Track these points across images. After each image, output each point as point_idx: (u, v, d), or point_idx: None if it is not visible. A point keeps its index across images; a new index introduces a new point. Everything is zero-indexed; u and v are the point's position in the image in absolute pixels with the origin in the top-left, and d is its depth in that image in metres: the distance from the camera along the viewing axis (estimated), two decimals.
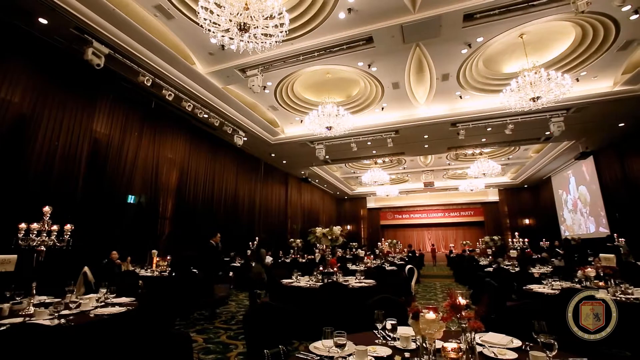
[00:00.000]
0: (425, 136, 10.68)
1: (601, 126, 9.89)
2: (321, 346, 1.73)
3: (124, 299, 3.39)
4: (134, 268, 6.30)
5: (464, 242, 17.46)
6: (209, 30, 3.96)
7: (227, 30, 4.00)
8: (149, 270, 6.42)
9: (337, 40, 6.29)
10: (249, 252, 10.38)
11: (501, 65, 7.64)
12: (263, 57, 6.73)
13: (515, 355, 1.68)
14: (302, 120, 8.96)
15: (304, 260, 10.95)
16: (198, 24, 4.32)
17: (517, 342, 1.85)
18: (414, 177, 18.58)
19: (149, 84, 6.49)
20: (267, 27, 4.05)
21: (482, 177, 13.78)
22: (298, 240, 12.52)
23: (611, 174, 11.90)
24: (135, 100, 7.61)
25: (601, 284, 3.76)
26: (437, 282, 10.41)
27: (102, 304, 3.16)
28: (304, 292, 4.48)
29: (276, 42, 4.31)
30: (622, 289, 3.49)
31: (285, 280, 4.95)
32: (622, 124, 9.78)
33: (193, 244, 8.72)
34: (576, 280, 4.20)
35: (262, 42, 4.29)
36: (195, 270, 6.36)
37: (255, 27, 4.00)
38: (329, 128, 7.55)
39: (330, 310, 3.98)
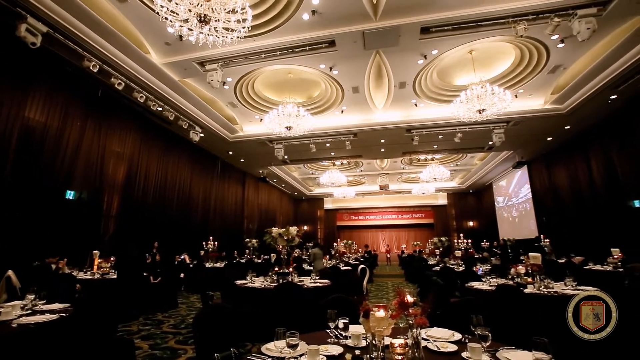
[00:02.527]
0: (382, 140, 11.08)
1: (534, 139, 11.03)
2: (273, 347, 1.73)
3: (56, 306, 3.08)
4: (71, 271, 5.75)
5: (415, 243, 18.39)
6: (166, 18, 3.75)
7: (186, 21, 3.82)
8: (88, 272, 5.91)
9: (300, 41, 6.31)
10: (201, 252, 9.99)
11: (453, 77, 8.18)
12: (223, 52, 6.53)
13: (455, 347, 1.81)
14: (261, 119, 8.83)
15: (259, 261, 10.80)
16: (154, 10, 4.08)
17: (458, 336, 1.99)
18: (370, 180, 19.17)
19: (95, 70, 5.97)
20: (228, 21, 3.94)
21: (433, 181, 14.61)
22: (254, 241, 12.31)
23: (541, 182, 13.31)
24: (79, 88, 6.96)
25: (529, 279, 4.18)
26: (390, 282, 10.84)
27: (29, 311, 2.83)
28: (258, 293, 4.42)
29: (238, 37, 4.21)
30: (545, 283, 3.93)
31: (239, 281, 4.85)
32: (550, 138, 11.00)
33: (142, 244, 8.20)
34: (510, 277, 4.62)
35: (222, 37, 4.16)
36: (150, 277, 5.99)
37: (216, 20, 3.87)
38: (289, 128, 7.53)
39: (285, 310, 3.97)
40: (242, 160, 13.41)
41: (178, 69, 7.18)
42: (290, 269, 4.94)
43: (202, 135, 9.65)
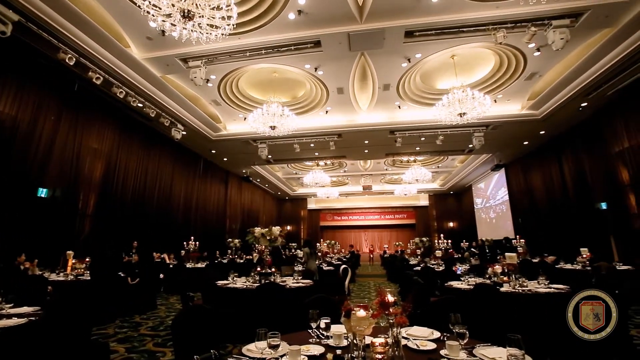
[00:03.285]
0: (366, 141, 11.19)
1: (511, 143, 11.43)
2: (254, 348, 1.71)
3: (25, 309, 2.94)
4: (42, 272, 5.51)
5: (397, 243, 18.64)
6: (148, 12, 3.65)
7: (169, 16, 3.73)
8: (62, 274, 5.67)
9: (286, 40, 6.29)
10: (182, 252, 9.78)
11: (435, 81, 8.36)
12: (207, 49, 6.43)
13: (434, 345, 1.85)
14: (245, 118, 8.75)
15: (241, 261, 10.67)
16: (135, 3, 3.97)
17: (437, 334, 2.04)
18: (354, 181, 19.32)
19: (71, 63, 5.74)
20: (213, 17, 3.88)
21: (415, 182, 14.89)
22: (236, 241, 12.16)
23: (517, 184, 13.79)
24: (54, 81, 6.68)
25: (505, 278, 4.33)
26: (372, 281, 10.95)
27: None
28: (240, 294, 4.37)
29: (222, 34, 4.15)
30: (520, 282, 4.07)
31: (220, 282, 4.78)
32: (526, 142, 11.43)
33: (121, 244, 7.97)
34: (487, 276, 4.76)
35: (207, 33, 4.09)
36: (121, 273, 5.80)
37: (200, 16, 3.80)
38: (273, 127, 7.50)
39: (267, 311, 3.94)
40: (225, 159, 13.23)
41: (160, 64, 7.01)
42: (273, 269, 4.91)
43: (184, 133, 9.46)
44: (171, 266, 8.61)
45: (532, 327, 3.22)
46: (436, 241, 14.20)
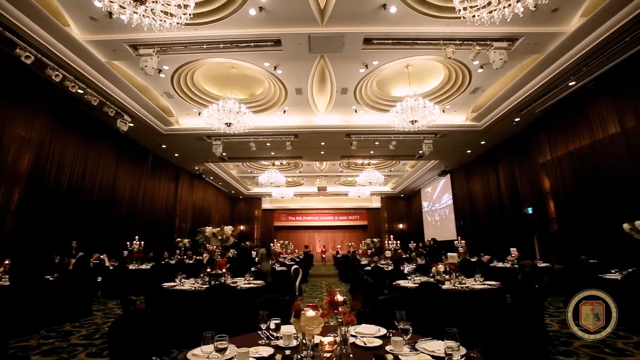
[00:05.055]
0: (322, 143, 11.33)
1: (456, 151, 12.33)
2: (200, 352, 1.66)
3: None
4: None
5: (350, 244, 19.12)
6: None
7: None
8: None
9: (246, 36, 6.16)
10: (125, 252, 9.07)
11: (390, 88, 8.73)
12: (161, 37, 6.07)
13: (380, 342, 1.93)
14: (200, 113, 8.40)
15: (191, 262, 10.19)
16: None
17: (383, 331, 2.13)
18: (309, 181, 19.44)
19: None
20: (168, 4, 3.68)
21: (368, 185, 15.38)
22: (186, 240, 11.59)
23: (460, 190, 14.91)
24: None
25: (447, 277, 4.66)
26: (324, 281, 11.10)
27: None
28: (188, 296, 4.18)
29: (178, 23, 3.95)
30: (459, 280, 4.41)
31: (167, 284, 4.53)
32: (469, 151, 12.42)
33: (54, 244, 7.18)
34: (431, 275, 5.08)
35: (160, 20, 3.86)
36: (48, 277, 5.22)
37: (154, 2, 3.58)
38: (229, 124, 7.28)
39: (217, 313, 3.82)
40: (176, 154, 12.55)
41: (106, 49, 6.45)
42: (224, 270, 4.77)
43: (131, 125, 8.81)
44: (111, 268, 7.95)
45: (468, 320, 3.51)
46: (386, 242, 14.79)
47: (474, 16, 3.67)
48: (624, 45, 5.89)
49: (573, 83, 7.31)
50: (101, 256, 8.29)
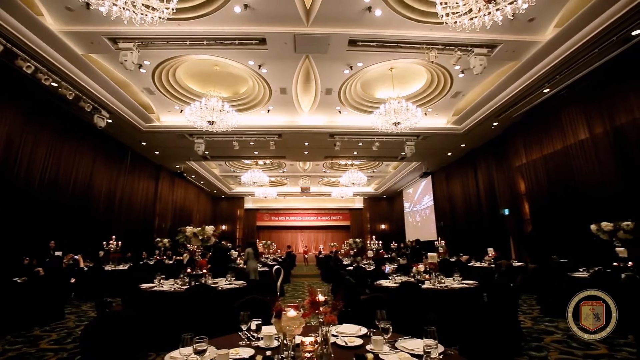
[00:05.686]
0: (306, 143, 11.33)
1: (437, 153, 12.61)
2: (178, 355, 1.62)
3: None
4: None
5: (332, 244, 19.20)
6: None
7: None
8: None
9: (230, 33, 6.08)
10: (101, 252, 8.76)
11: (374, 90, 8.83)
12: (142, 31, 5.90)
13: (361, 341, 1.96)
14: (182, 110, 8.24)
15: (171, 262, 9.96)
16: None
17: (364, 330, 2.16)
18: (292, 181, 19.36)
19: None
20: None
21: (351, 186, 15.47)
22: (165, 240, 11.32)
23: (441, 191, 15.25)
24: None
25: (427, 276, 4.76)
26: (306, 281, 11.10)
27: None
28: (167, 297, 4.09)
29: (160, 18, 3.86)
30: (439, 279, 4.52)
31: (145, 285, 4.41)
32: (450, 153, 12.73)
33: (24, 243, 6.85)
34: (412, 274, 5.18)
35: (142, 14, 3.76)
36: (16, 279, 4.97)
37: None
38: (212, 122, 7.16)
39: (198, 314, 3.75)
40: (157, 152, 12.24)
41: (83, 41, 6.21)
42: (205, 271, 4.69)
43: (109, 121, 8.51)
44: (86, 269, 7.66)
45: (447, 319, 3.60)
46: (369, 242, 14.95)
47: (455, 22, 3.77)
48: (593, 55, 6.21)
49: (547, 90, 7.63)
50: (75, 256, 7.97)
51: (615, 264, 5.15)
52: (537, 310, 5.72)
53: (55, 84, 6.69)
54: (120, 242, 9.24)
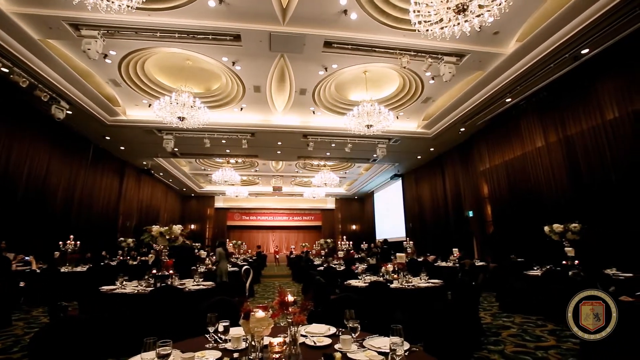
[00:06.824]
0: (279, 143, 11.26)
1: (408, 156, 13.00)
2: None
3: None
4: None
5: (303, 244, 19.18)
6: None
7: None
8: None
9: (204, 27, 5.92)
10: (56, 253, 8.18)
11: (348, 92, 8.95)
12: (108, 19, 5.57)
13: (330, 340, 1.98)
14: (150, 105, 7.89)
15: (135, 263, 9.50)
16: None
17: (333, 330, 2.18)
18: (265, 181, 19.18)
19: None
20: None
21: (323, 186, 15.55)
22: (130, 240, 10.79)
23: (410, 193, 15.72)
24: None
25: (395, 276, 4.89)
26: (277, 282, 11.02)
27: None
28: (130, 300, 3.90)
29: (128, 6, 3.69)
30: (406, 279, 4.66)
31: (105, 287, 4.18)
32: (420, 157, 13.16)
33: None
34: (381, 274, 5.30)
35: (107, 1, 3.57)
36: None
37: None
38: (182, 119, 6.93)
39: (163, 318, 3.61)
40: (122, 147, 11.65)
41: (39, 25, 5.78)
42: (171, 271, 4.52)
43: (69, 112, 8.00)
44: (39, 271, 7.12)
45: (414, 317, 3.72)
46: (340, 243, 15.09)
47: (427, 30, 3.91)
48: (549, 70, 6.72)
49: (509, 100, 8.12)
50: (27, 257, 7.39)
51: (564, 262, 5.57)
52: (497, 306, 6.05)
53: (6, 70, 6.20)
54: (79, 242, 8.68)
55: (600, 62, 6.35)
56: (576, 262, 5.42)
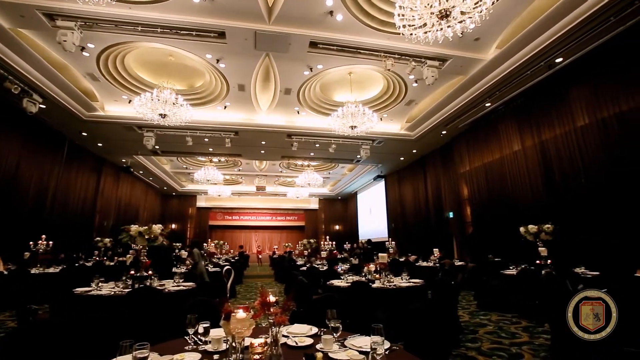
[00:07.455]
0: (263, 142, 11.18)
1: (391, 157, 13.18)
2: None
3: None
4: None
5: (286, 244, 19.11)
6: None
7: None
8: None
9: (187, 23, 5.80)
10: (27, 254, 7.82)
11: (333, 93, 8.98)
12: (85, 10, 5.36)
13: (312, 340, 1.98)
14: (130, 101, 7.67)
15: (112, 264, 9.20)
16: None
17: (315, 330, 2.18)
18: (248, 180, 18.97)
19: None
20: None
21: (307, 186, 15.54)
22: (107, 240, 10.46)
23: (393, 194, 15.95)
24: None
25: (377, 276, 4.94)
26: (260, 282, 10.94)
27: None
28: (106, 302, 3.77)
29: None
30: (388, 278, 4.72)
31: (80, 289, 4.03)
32: (403, 158, 13.37)
33: None
34: (363, 274, 5.34)
35: None
36: None
37: None
38: (163, 116, 6.76)
39: (141, 320, 3.52)
40: (99, 144, 11.26)
41: (10, 13, 5.50)
42: (150, 272, 4.41)
43: (42, 106, 7.66)
44: (6, 272, 6.78)
45: (395, 316, 3.78)
46: (323, 243, 15.13)
47: (411, 34, 3.97)
48: (526, 76, 6.99)
49: (489, 104, 8.37)
50: None
51: (538, 261, 5.79)
52: (474, 305, 6.22)
53: None
54: (51, 242, 8.34)
55: (573, 71, 6.66)
56: (549, 261, 5.65)
